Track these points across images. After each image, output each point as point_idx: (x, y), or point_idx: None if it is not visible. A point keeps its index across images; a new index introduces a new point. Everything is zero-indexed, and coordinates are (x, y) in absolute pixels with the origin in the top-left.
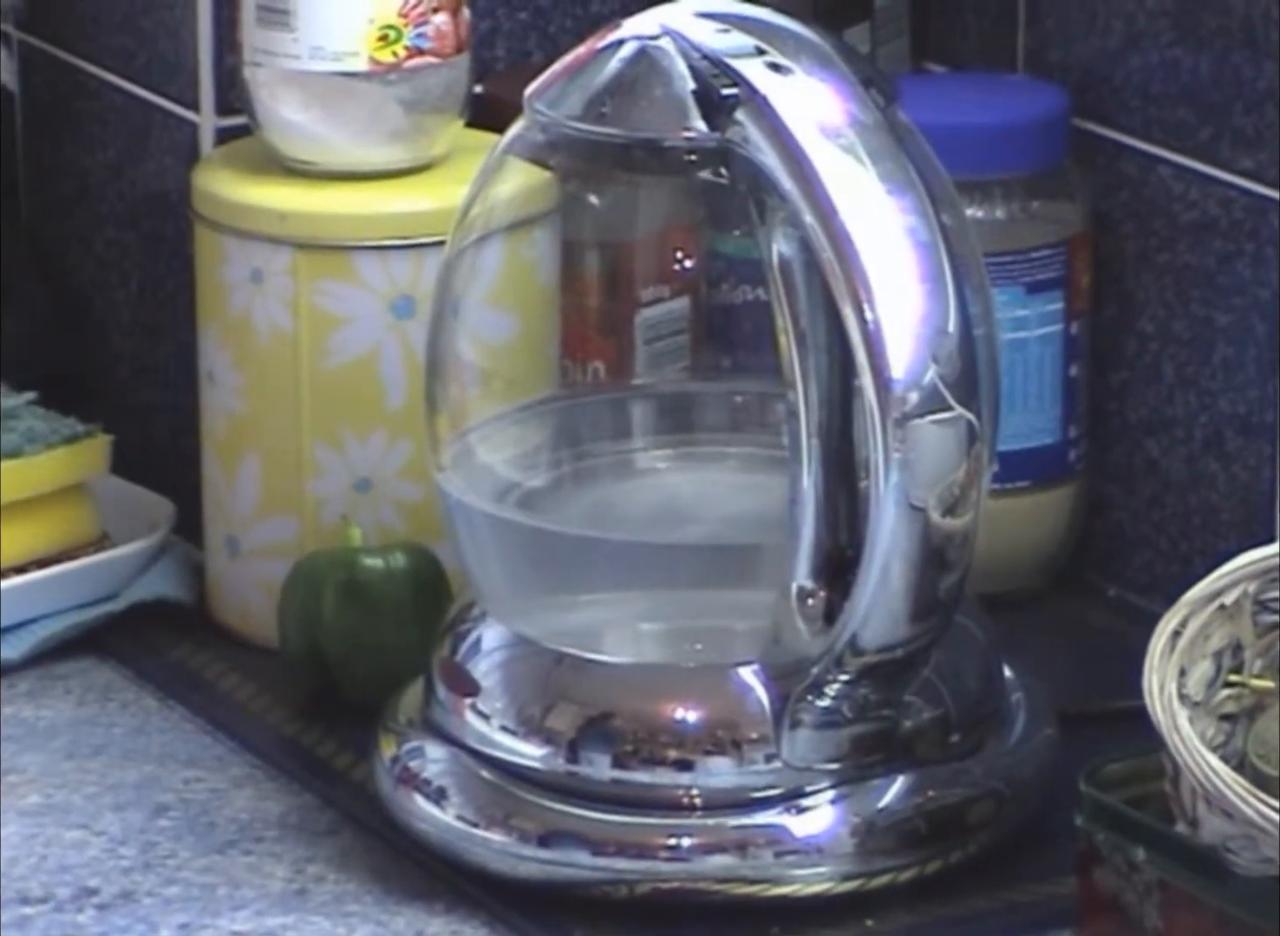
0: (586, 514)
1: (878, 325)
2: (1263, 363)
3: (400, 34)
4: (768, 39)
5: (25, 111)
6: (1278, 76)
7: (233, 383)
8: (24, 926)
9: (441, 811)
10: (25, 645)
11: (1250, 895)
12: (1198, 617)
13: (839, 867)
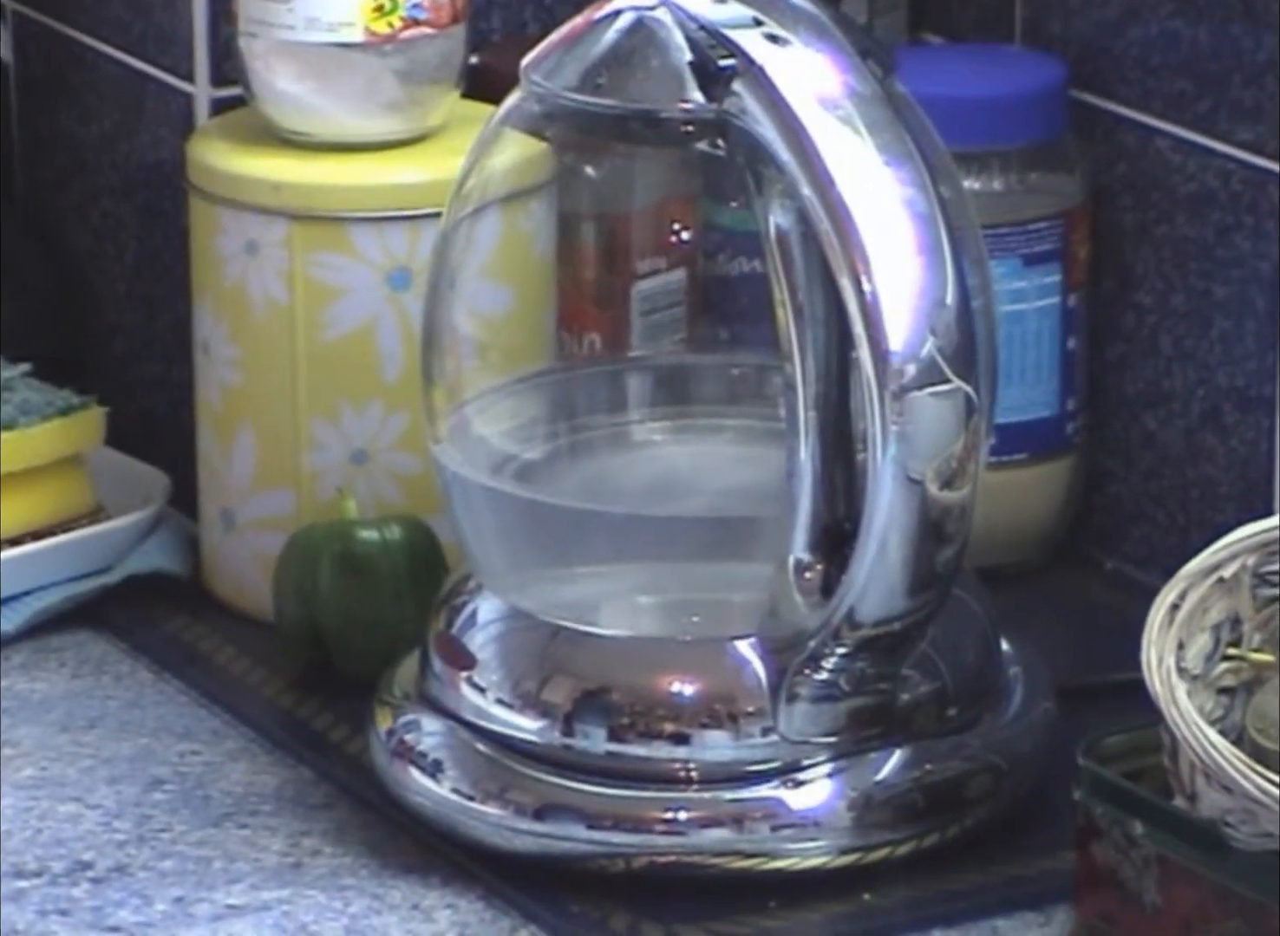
0: (583, 486)
1: (875, 297)
2: (1261, 336)
3: (396, 4)
4: (765, 10)
5: (20, 83)
6: (1277, 48)
7: (228, 355)
8: (19, 899)
9: (437, 784)
10: (20, 618)
11: (1249, 869)
12: (1196, 591)
13: (836, 841)
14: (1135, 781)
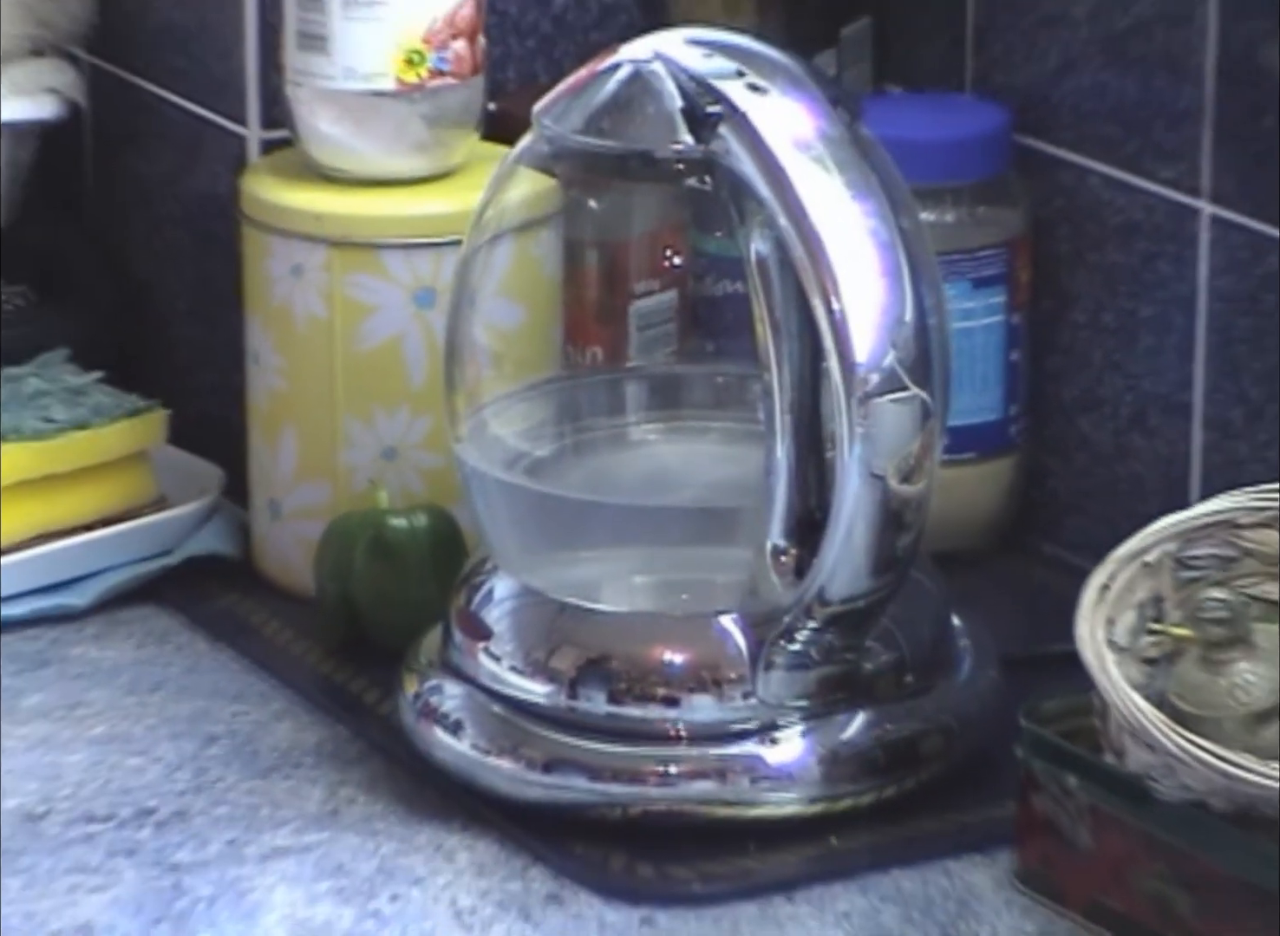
0: (586, 480)
1: (843, 315)
2: (1181, 350)
3: (423, 57)
4: (747, 63)
5: (94, 126)
6: (1194, 97)
7: (274, 364)
8: (90, 842)
9: (457, 741)
10: (92, 594)
11: (1171, 818)
12: (1124, 573)
13: (807, 792)
14: (1070, 740)
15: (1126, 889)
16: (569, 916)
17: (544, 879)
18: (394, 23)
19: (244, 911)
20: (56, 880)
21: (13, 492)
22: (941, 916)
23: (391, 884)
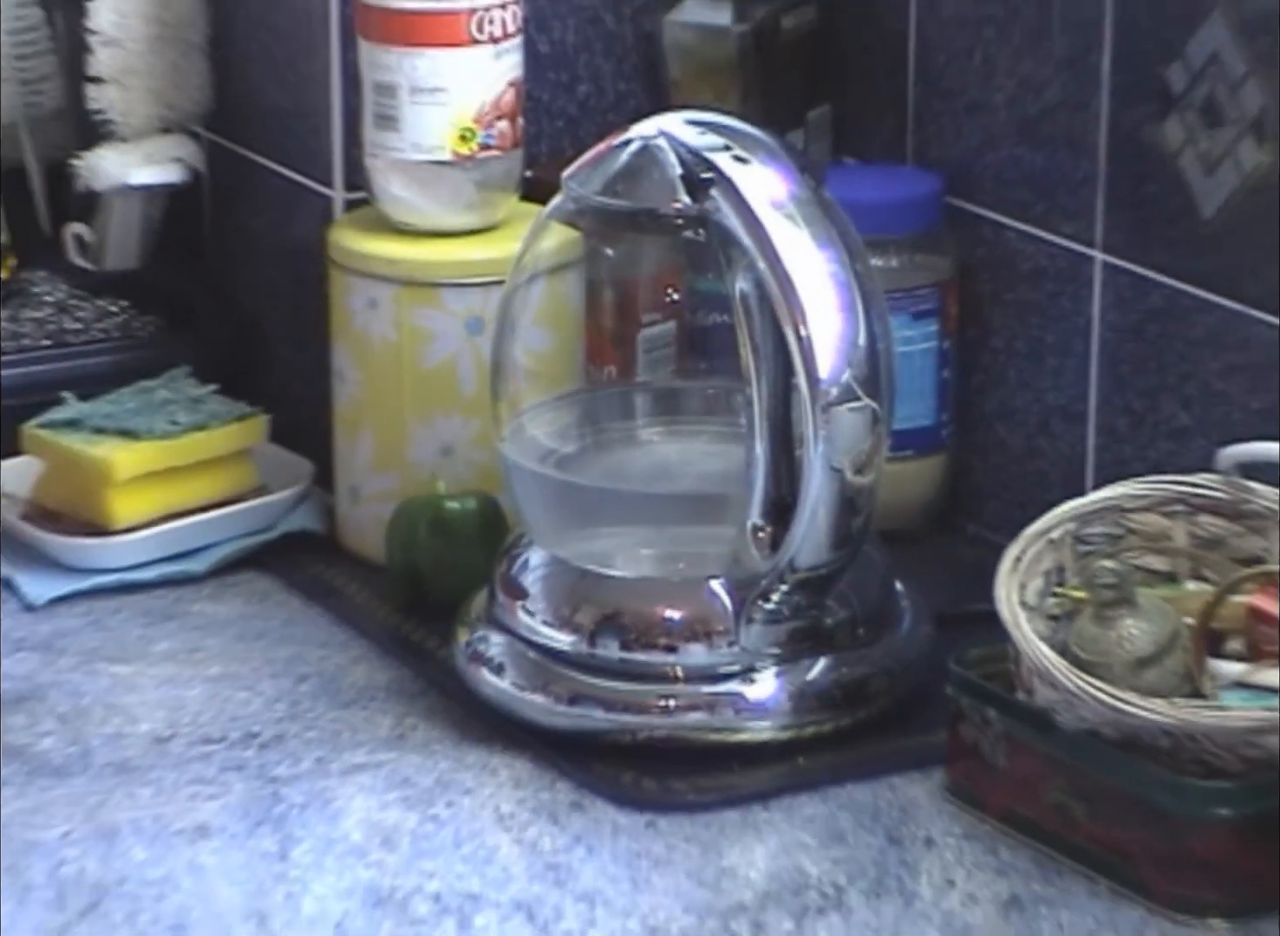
0: (603, 472)
1: (809, 340)
2: (1079, 370)
3: (474, 134)
4: (733, 139)
5: (210, 188)
6: (1090, 169)
7: (354, 379)
8: (207, 759)
9: (500, 680)
10: (208, 562)
11: (1070, 744)
12: (1033, 548)
13: (779, 722)
14: (990, 681)
15: (1035, 800)
16: (588, 820)
17: (568, 790)
18: (451, 107)
19: (329, 815)
20: (179, 790)
21: (145, 481)
22: (887, 821)
23: (447, 794)
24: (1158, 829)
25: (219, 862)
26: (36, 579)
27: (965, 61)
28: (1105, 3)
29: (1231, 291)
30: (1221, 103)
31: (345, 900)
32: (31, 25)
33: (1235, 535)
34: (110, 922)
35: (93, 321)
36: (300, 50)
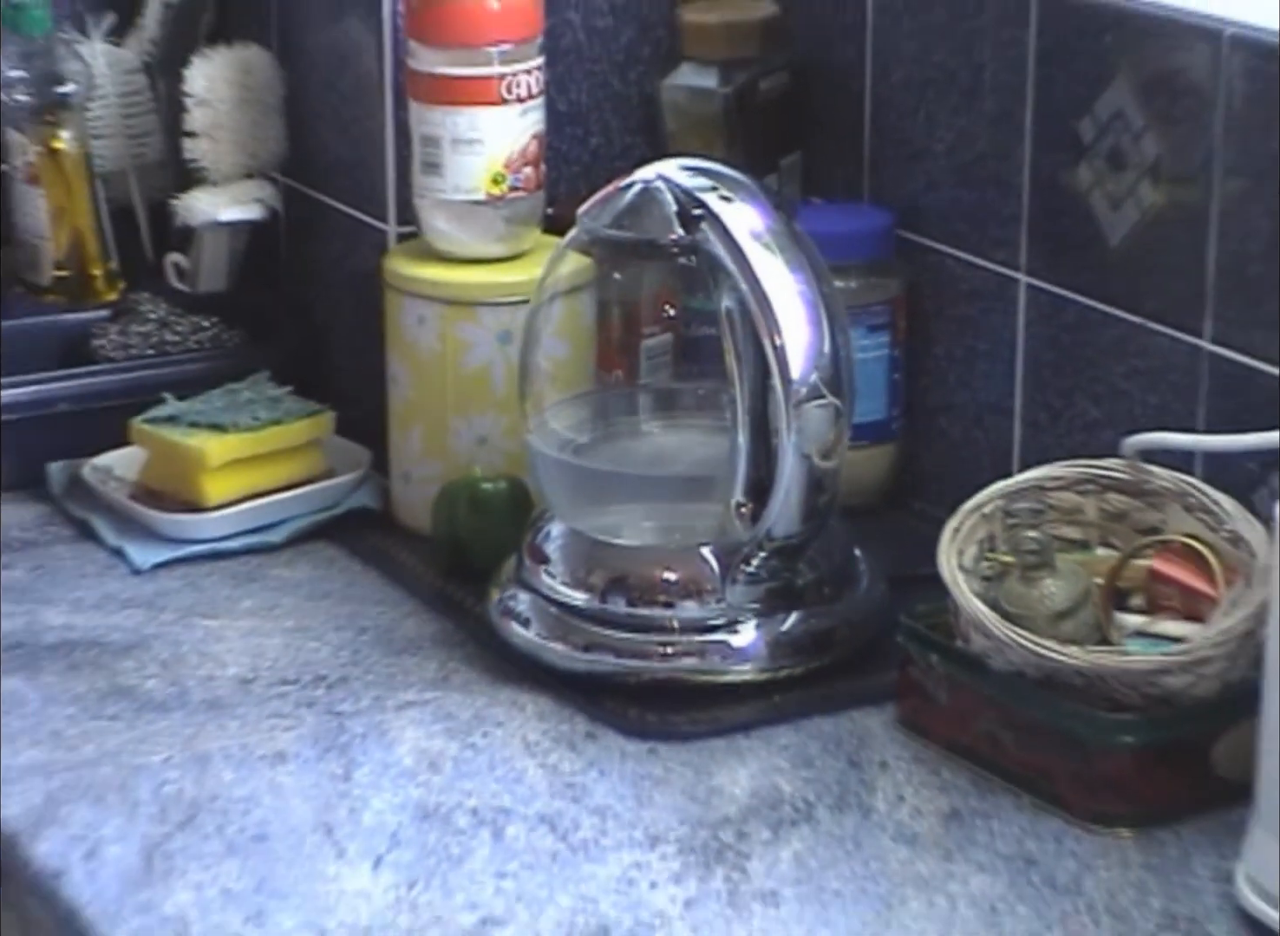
0: (611, 458)
1: (783, 349)
2: (1007, 374)
3: (504, 178)
4: (719, 181)
5: (286, 223)
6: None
7: (406, 382)
8: (283, 697)
9: (526, 631)
10: (285, 533)
11: (1000, 683)
12: (969, 521)
13: (758, 665)
14: (933, 631)
15: (970, 730)
16: (600, 747)
17: (584, 723)
18: (485, 156)
19: (385, 744)
20: (261, 722)
21: (231, 467)
22: (848, 748)
23: (482, 726)
24: (1073, 754)
25: (293, 783)
26: (142, 548)
27: (912, 118)
28: (1027, 68)
29: (1133, 307)
30: (1124, 151)
31: (398, 814)
32: (137, 89)
33: (1137, 509)
34: (203, 833)
35: (188, 334)
36: (361, 109)
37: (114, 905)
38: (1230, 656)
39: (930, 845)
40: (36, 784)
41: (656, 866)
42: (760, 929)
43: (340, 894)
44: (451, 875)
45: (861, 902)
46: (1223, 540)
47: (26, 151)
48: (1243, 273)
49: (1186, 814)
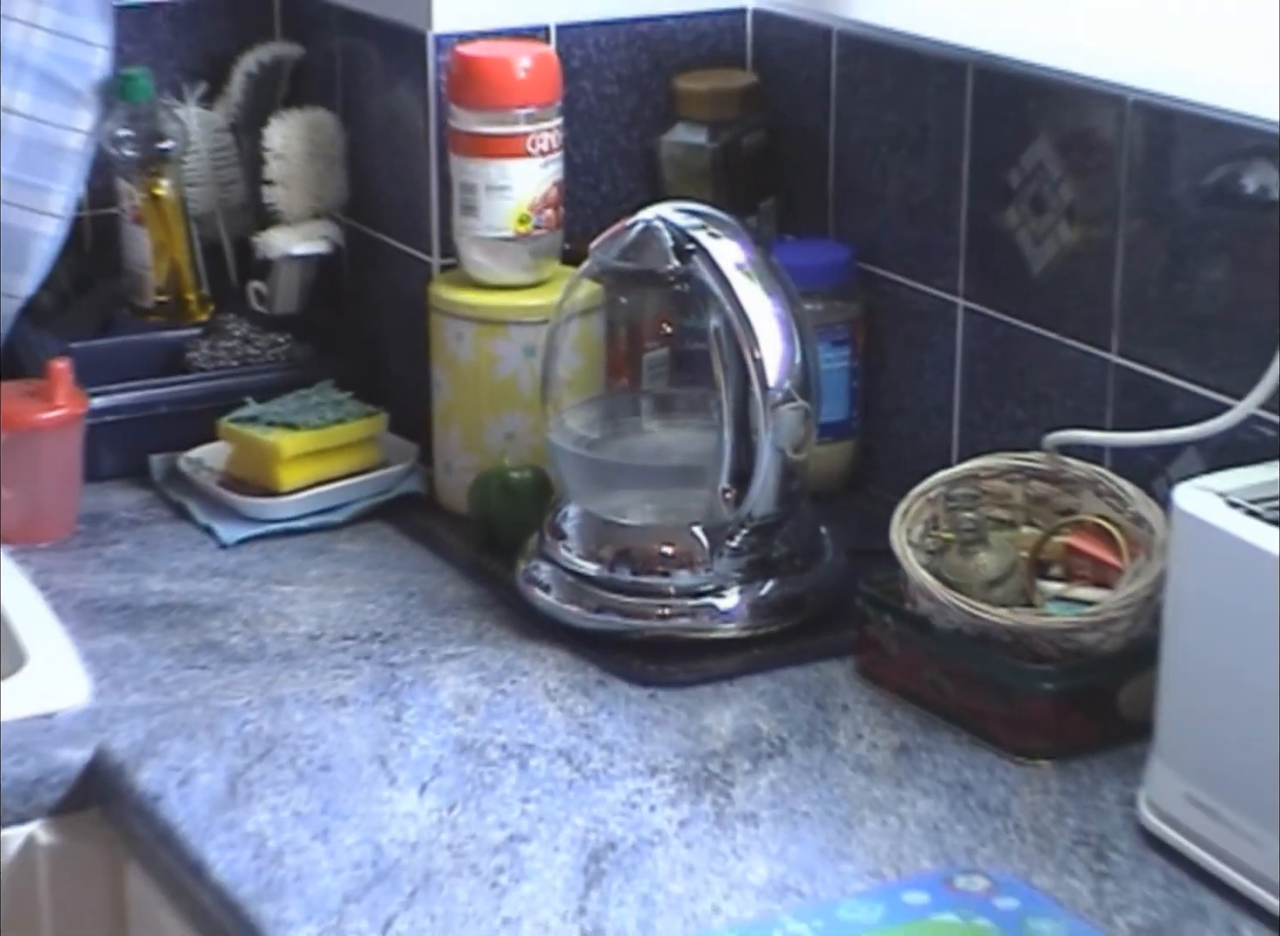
0: (618, 452)
1: (762, 360)
2: (947, 382)
3: (529, 219)
4: (708, 221)
5: (348, 256)
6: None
7: (447, 387)
8: (345, 651)
9: (548, 596)
10: (347, 513)
11: (941, 639)
12: (916, 504)
13: (740, 624)
14: (887, 596)
15: (917, 679)
16: (609, 693)
17: (595, 672)
18: (514, 200)
19: (429, 689)
20: (326, 672)
21: (302, 459)
22: (815, 693)
23: (511, 674)
24: (1002, 698)
25: (353, 722)
26: (227, 526)
27: (868, 169)
28: (964, 128)
29: (1052, 326)
30: (1045, 197)
31: (440, 748)
32: (224, 145)
33: (1056, 494)
34: (278, 764)
35: (266, 349)
36: (410, 161)
37: (203, 824)
38: (1134, 617)
39: (884, 774)
40: (139, 723)
41: (655, 792)
42: (742, 844)
43: (392, 815)
44: (484, 799)
45: (826, 822)
46: (1127, 520)
47: (133, 197)
48: (1143, 297)
49: (1096, 748)
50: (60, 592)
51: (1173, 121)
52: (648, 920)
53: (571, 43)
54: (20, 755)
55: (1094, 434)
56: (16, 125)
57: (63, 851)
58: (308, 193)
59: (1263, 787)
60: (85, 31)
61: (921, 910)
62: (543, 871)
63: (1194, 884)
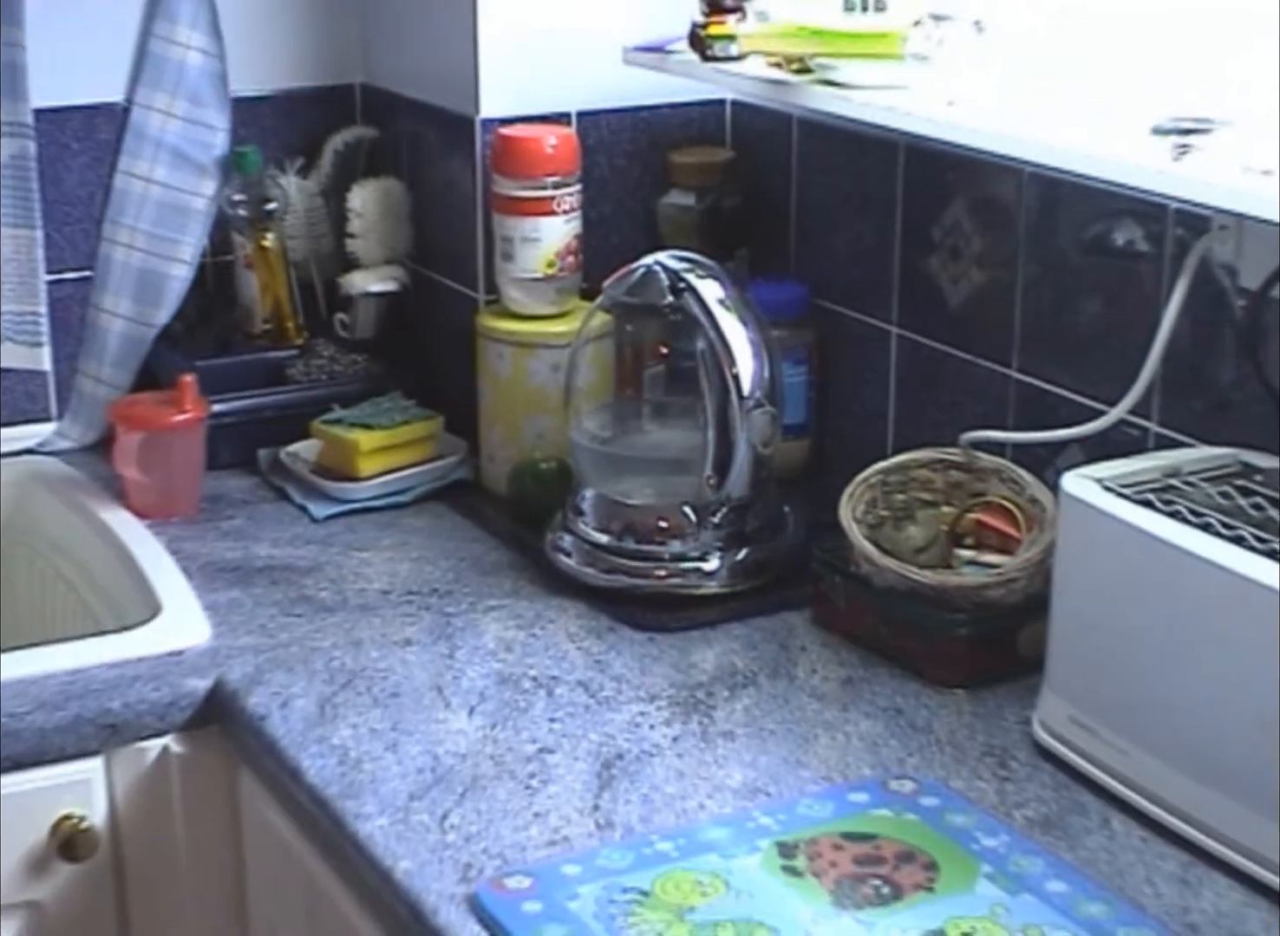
0: (625, 446)
1: (738, 375)
2: (885, 393)
3: (555, 263)
4: (696, 265)
5: (413, 293)
6: (888, 281)
7: (490, 395)
8: (409, 603)
9: (570, 560)
10: (411, 496)
11: (879, 594)
12: (859, 488)
13: (721, 583)
14: (836, 560)
15: (861, 625)
16: (617, 637)
17: (606, 620)
18: (543, 249)
19: (476, 633)
20: (394, 620)
21: (376, 452)
22: (780, 637)
23: (540, 622)
24: (926, 641)
25: (416, 659)
26: (318, 505)
27: (822, 225)
28: (897, 194)
29: (966, 348)
30: (960, 248)
31: (485, 680)
32: (316, 207)
33: (969, 481)
34: (357, 691)
35: (348, 366)
36: (461, 218)
37: (299, 738)
38: (1030, 577)
39: (833, 701)
40: (249, 659)
41: (654, 714)
42: (722, 755)
43: (446, 731)
44: (519, 720)
45: (788, 738)
46: (1025, 501)
47: (245, 247)
48: (1037, 326)
49: (1000, 680)
50: (187, 557)
51: (1059, 188)
52: (647, 815)
53: (588, 126)
54: (156, 683)
55: (999, 433)
56: (155, 192)
57: (190, 760)
58: (381, 243)
59: (1130, 710)
60: (209, 118)
61: (863, 806)
62: (565, 776)
63: (1075, 785)
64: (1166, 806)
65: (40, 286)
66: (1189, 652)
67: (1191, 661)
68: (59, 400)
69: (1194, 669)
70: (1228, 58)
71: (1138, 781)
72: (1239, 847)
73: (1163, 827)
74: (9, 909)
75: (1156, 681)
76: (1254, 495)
